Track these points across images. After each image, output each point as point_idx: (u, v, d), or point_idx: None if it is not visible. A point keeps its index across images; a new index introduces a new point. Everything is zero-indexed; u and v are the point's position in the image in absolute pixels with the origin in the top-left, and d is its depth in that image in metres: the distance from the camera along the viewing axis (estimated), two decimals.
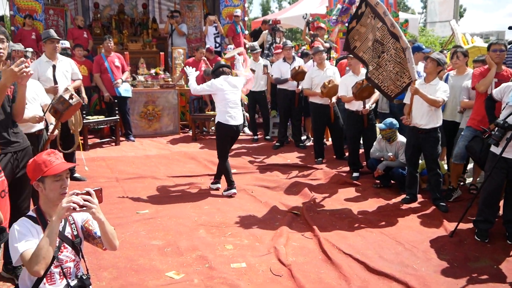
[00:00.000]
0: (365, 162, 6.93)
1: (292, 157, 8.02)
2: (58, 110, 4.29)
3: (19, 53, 5.56)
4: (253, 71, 9.03)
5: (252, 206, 5.65)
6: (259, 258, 4.21)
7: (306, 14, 10.28)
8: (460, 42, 9.38)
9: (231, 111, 5.98)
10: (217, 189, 6.24)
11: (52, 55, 6.33)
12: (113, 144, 8.80)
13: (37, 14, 10.08)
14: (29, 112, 3.97)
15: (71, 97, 4.28)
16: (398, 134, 6.22)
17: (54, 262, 2.54)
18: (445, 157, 6.86)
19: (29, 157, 3.43)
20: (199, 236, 4.67)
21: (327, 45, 9.44)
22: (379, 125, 6.37)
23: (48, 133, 4.63)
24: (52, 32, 6.41)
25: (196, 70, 6.26)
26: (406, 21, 12.18)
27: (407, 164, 5.83)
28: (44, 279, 2.53)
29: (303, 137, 9.08)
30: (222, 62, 6.58)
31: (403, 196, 5.86)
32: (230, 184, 6.07)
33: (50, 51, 6.32)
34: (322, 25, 10.27)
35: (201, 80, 8.27)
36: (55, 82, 6.16)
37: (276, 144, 8.78)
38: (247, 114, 10.04)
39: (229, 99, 5.98)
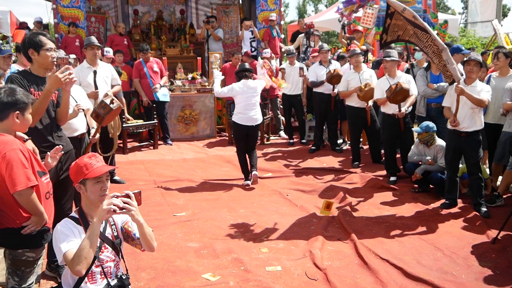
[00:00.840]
0: (402, 166, 6.82)
1: (328, 161, 7.97)
2: (99, 115, 4.45)
3: (64, 60, 5.75)
4: (283, 69, 9.06)
5: (287, 210, 5.65)
6: (294, 261, 4.21)
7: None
8: (503, 43, 9.11)
9: (247, 112, 6.54)
10: (247, 185, 6.57)
11: (93, 61, 6.52)
12: (151, 147, 8.97)
13: (80, 22, 10.40)
14: (71, 116, 4.11)
15: (111, 102, 4.43)
16: (436, 137, 6.10)
17: (95, 262, 2.62)
18: (487, 161, 6.67)
19: (72, 160, 3.55)
20: (235, 239, 4.71)
21: (364, 47, 9.36)
22: (415, 129, 6.26)
23: (90, 137, 4.78)
24: (93, 38, 6.61)
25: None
26: (446, 22, 11.93)
27: (447, 168, 5.70)
28: (86, 278, 2.61)
29: (339, 141, 9.02)
30: (247, 65, 6.95)
31: (442, 201, 5.73)
32: (246, 177, 6.68)
33: (90, 57, 6.52)
34: (359, 28, 10.18)
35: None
36: (96, 87, 6.35)
37: (312, 147, 8.74)
38: (282, 118, 10.05)
39: (247, 102, 6.53)
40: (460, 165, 5.78)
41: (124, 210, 2.52)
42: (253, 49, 11.07)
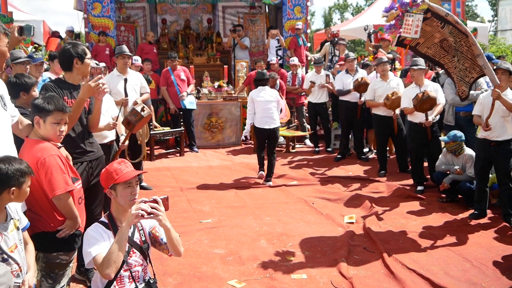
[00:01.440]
0: (429, 176, 6.74)
1: (353, 170, 7.93)
2: (130, 122, 4.56)
3: (97, 70, 5.93)
4: (313, 83, 9.08)
5: (313, 218, 5.64)
6: (320, 270, 4.20)
7: (367, 26, 10.17)
8: None
9: (264, 117, 7.13)
10: (262, 175, 7.27)
11: (123, 70, 6.66)
12: (178, 154, 9.08)
13: (110, 31, 10.64)
14: (102, 123, 4.21)
15: (142, 110, 4.54)
16: (465, 146, 6.01)
17: (124, 266, 2.67)
18: None
19: (103, 166, 3.64)
20: (260, 246, 4.73)
21: (391, 56, 9.29)
22: (442, 138, 6.18)
23: (120, 144, 4.89)
24: (125, 48, 6.75)
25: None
26: (475, 29, 11.75)
27: (476, 178, 5.60)
28: (115, 282, 2.66)
29: (365, 149, 8.96)
30: (265, 73, 7.57)
31: (471, 211, 5.63)
32: (260, 167, 7.40)
33: (121, 65, 6.65)
34: (386, 36, 10.12)
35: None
36: (126, 95, 6.47)
37: (338, 156, 8.71)
38: (308, 126, 10.04)
39: (263, 107, 7.12)
40: (490, 175, 5.68)
41: (152, 215, 2.56)
42: (279, 58, 11.12)
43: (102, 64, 7.54)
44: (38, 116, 2.97)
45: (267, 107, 7.11)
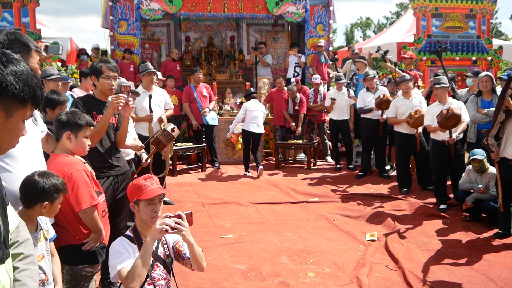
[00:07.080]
0: (452, 194, 6.67)
1: (375, 187, 7.89)
2: (161, 142, 4.69)
3: (126, 88, 6.13)
4: (333, 100, 9.13)
5: (334, 235, 5.63)
6: (341, 287, 4.20)
7: (379, 47, 10.19)
8: None
9: (251, 123, 8.70)
10: (245, 175, 8.65)
11: (148, 86, 6.80)
12: (200, 170, 9.17)
13: (135, 48, 10.86)
14: (128, 141, 4.33)
15: (173, 130, 4.67)
16: (489, 165, 5.94)
17: (148, 279, 2.71)
18: None
19: (128, 181, 3.74)
20: (281, 262, 4.75)
21: (414, 72, 9.27)
22: (474, 153, 6.10)
23: (142, 161, 5.01)
24: (150, 65, 6.90)
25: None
26: (500, 47, 11.68)
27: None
28: None
29: (387, 167, 8.91)
30: (252, 89, 9.39)
31: (495, 230, 5.55)
32: (246, 168, 8.90)
33: (147, 82, 6.79)
34: (409, 54, 10.11)
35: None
36: (151, 111, 6.60)
37: (359, 173, 8.68)
38: (329, 143, 10.05)
39: (252, 115, 8.71)
40: None
41: (175, 230, 2.60)
42: (295, 74, 11.19)
43: (130, 83, 7.70)
44: (70, 131, 3.06)
45: (255, 116, 8.73)
